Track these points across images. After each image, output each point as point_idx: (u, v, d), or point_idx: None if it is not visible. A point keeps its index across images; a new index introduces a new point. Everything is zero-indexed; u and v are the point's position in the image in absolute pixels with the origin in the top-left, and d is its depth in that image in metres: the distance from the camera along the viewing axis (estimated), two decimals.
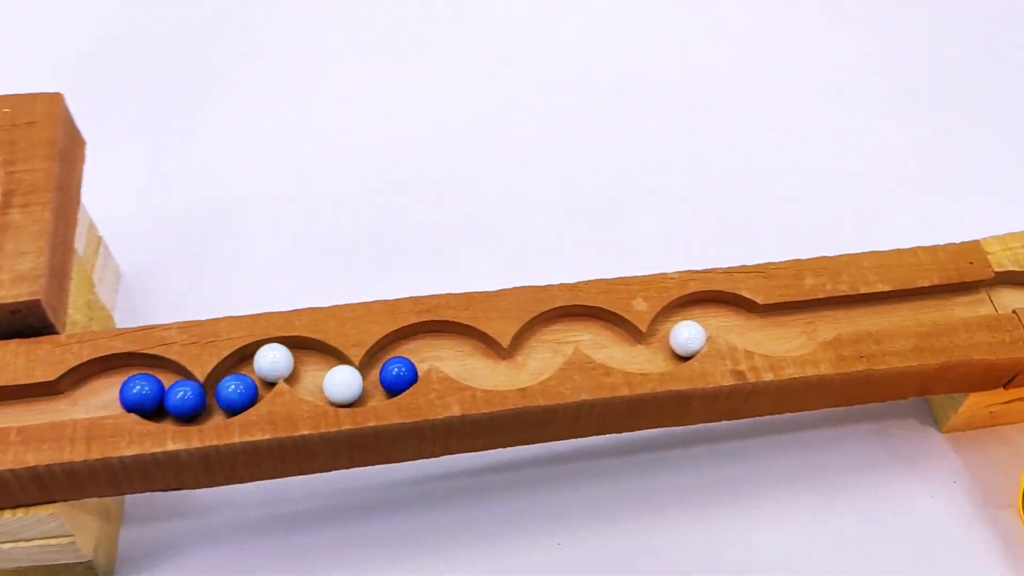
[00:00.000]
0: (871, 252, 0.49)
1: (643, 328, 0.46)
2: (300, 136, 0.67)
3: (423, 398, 0.43)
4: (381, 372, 0.43)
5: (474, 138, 0.67)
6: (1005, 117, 0.70)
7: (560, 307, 0.46)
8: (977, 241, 0.49)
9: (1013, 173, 0.66)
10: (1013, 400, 0.51)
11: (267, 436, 0.41)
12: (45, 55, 0.71)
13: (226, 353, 0.43)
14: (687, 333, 0.45)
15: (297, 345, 0.44)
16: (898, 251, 0.49)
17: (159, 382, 0.42)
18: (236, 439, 0.41)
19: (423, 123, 0.68)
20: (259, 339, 0.44)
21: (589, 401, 0.43)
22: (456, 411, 0.42)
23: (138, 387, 0.41)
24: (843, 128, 0.69)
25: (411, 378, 0.43)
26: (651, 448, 0.53)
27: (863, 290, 0.47)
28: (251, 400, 0.42)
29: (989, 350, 0.46)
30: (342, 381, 0.42)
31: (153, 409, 0.42)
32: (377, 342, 0.44)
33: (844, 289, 0.47)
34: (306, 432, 0.41)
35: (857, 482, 0.52)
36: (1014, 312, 0.47)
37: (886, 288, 0.48)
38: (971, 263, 0.49)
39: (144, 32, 0.73)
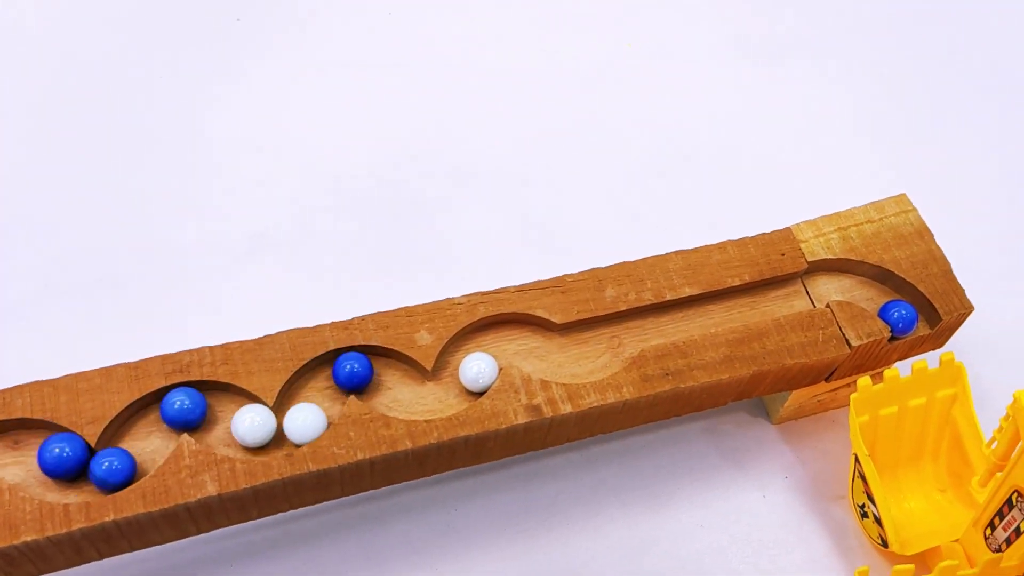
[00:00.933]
0: (677, 252, 0.45)
1: (428, 365, 0.41)
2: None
3: (172, 478, 0.37)
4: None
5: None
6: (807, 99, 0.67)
7: (333, 350, 0.41)
8: (788, 229, 0.46)
9: (822, 153, 0.63)
10: (839, 387, 0.49)
11: None
12: None
13: None
14: (476, 368, 0.40)
15: (21, 427, 0.38)
16: (706, 248, 0.45)
17: None
18: None
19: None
20: None
21: (368, 459, 0.38)
22: (212, 490, 0.37)
23: None
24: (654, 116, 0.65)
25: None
26: (468, 473, 0.49)
27: (669, 296, 0.44)
28: None
29: (803, 352, 0.43)
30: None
31: None
32: (118, 415, 0.38)
33: (649, 298, 0.43)
34: (28, 539, 0.35)
35: (687, 487, 0.49)
36: (828, 306, 0.44)
37: (694, 292, 0.44)
38: (783, 254, 0.45)
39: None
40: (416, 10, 0.69)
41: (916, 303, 0.45)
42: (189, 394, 0.38)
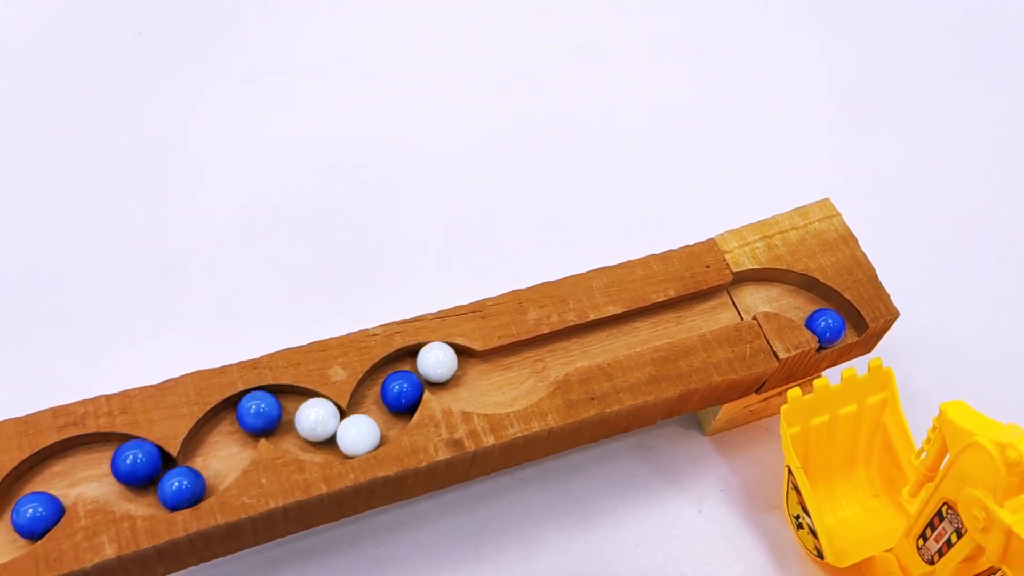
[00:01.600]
0: (600, 269, 0.43)
1: (343, 402, 0.39)
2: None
3: (67, 542, 0.34)
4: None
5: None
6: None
7: (242, 391, 0.39)
8: (712, 240, 0.45)
9: (745, 159, 0.62)
10: (771, 396, 0.48)
11: None
12: None
13: None
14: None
15: None
16: (629, 264, 0.44)
17: None
18: None
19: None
20: None
21: (281, 507, 0.36)
22: (110, 552, 0.34)
23: None
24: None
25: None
26: (395, 504, 0.47)
27: (593, 316, 0.42)
28: None
29: (730, 368, 0.42)
30: None
31: None
32: (8, 475, 0.36)
33: (572, 319, 0.42)
34: None
35: (622, 505, 0.48)
36: (755, 318, 0.43)
37: (617, 310, 0.42)
38: (708, 266, 0.44)
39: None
40: (329, 19, 0.66)
41: (842, 310, 0.44)
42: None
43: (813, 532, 0.44)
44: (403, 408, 0.39)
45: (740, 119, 0.63)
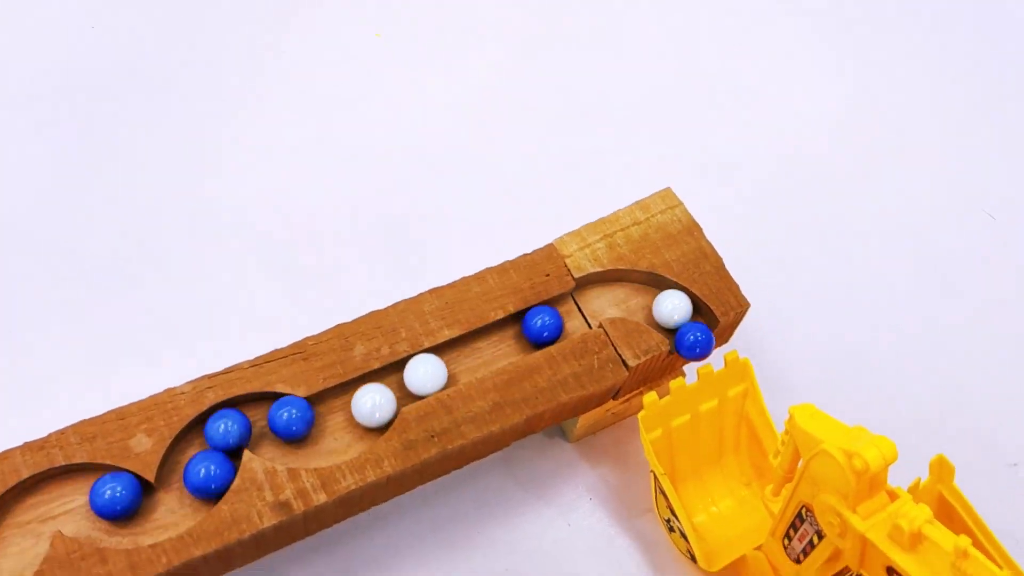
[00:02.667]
0: (431, 291, 0.40)
1: (151, 476, 0.35)
2: None
3: None
4: None
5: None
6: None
7: (31, 477, 0.34)
8: (551, 245, 0.42)
9: (582, 155, 0.58)
10: (632, 397, 0.46)
11: None
12: None
13: None
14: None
15: None
16: (463, 281, 0.41)
17: None
18: None
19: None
20: None
21: None
22: None
23: None
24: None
25: None
26: None
27: (427, 344, 0.39)
28: None
29: (578, 384, 0.39)
30: None
31: None
32: None
33: (404, 349, 0.39)
34: None
35: (488, 528, 0.45)
36: (600, 325, 0.41)
37: (453, 334, 0.39)
38: (548, 275, 0.41)
39: None
40: None
41: (692, 306, 0.42)
42: None
43: (684, 536, 0.42)
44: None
45: (572, 113, 0.60)
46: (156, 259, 0.50)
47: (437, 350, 0.40)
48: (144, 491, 0.35)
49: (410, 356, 0.38)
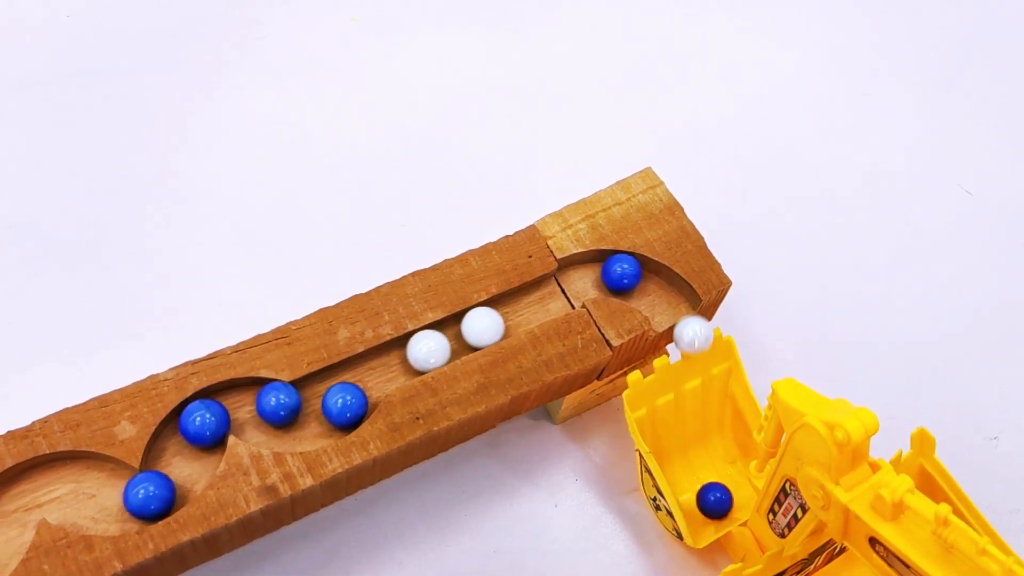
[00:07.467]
0: (414, 273, 0.40)
1: (135, 462, 0.35)
2: None
3: None
4: None
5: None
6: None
7: (15, 465, 0.34)
8: (533, 227, 0.42)
9: (562, 134, 0.58)
10: (615, 378, 0.46)
11: None
12: None
13: None
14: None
15: None
16: (445, 264, 0.41)
17: None
18: None
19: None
20: None
21: None
22: None
23: None
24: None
25: None
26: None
27: (411, 327, 0.39)
28: None
29: (562, 364, 0.39)
30: None
31: None
32: None
33: (388, 332, 0.39)
34: None
35: (475, 512, 0.45)
36: (584, 306, 0.41)
37: (438, 316, 0.39)
38: (531, 256, 0.41)
39: None
40: None
41: (674, 285, 0.43)
42: None
43: (670, 514, 0.43)
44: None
45: (551, 94, 0.60)
46: (134, 244, 0.50)
47: (419, 333, 0.40)
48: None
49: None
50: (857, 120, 0.61)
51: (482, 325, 0.38)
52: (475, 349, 0.39)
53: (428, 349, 0.38)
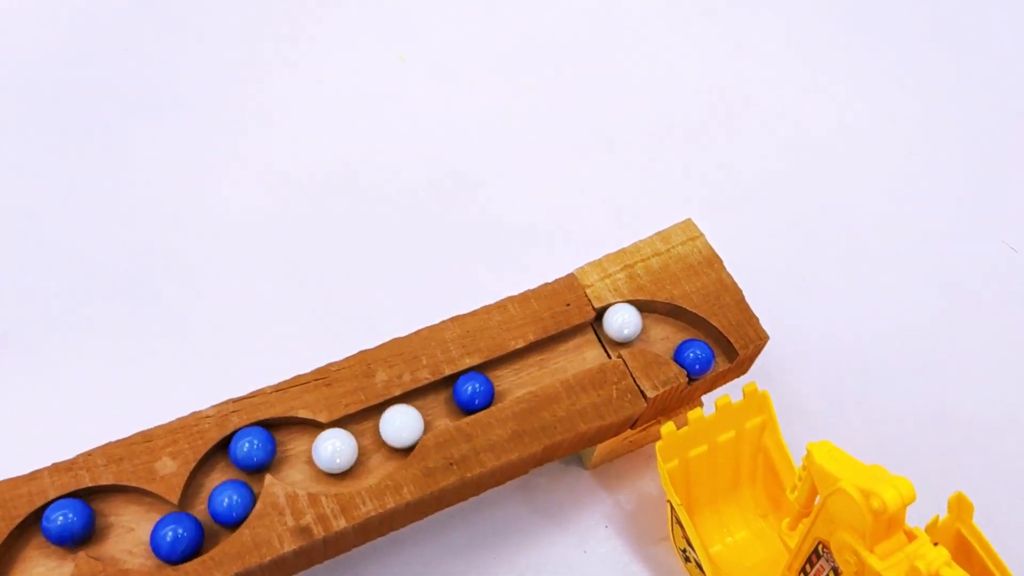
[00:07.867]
0: (453, 319, 0.41)
1: (174, 498, 0.35)
2: None
3: None
4: None
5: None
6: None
7: (54, 499, 0.35)
8: (572, 275, 0.42)
9: (602, 186, 0.58)
10: (648, 427, 0.46)
11: None
12: None
13: None
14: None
15: None
16: (484, 310, 0.41)
17: None
18: None
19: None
20: None
21: None
22: None
23: None
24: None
25: None
26: None
27: (448, 372, 0.39)
28: None
29: (596, 415, 0.39)
30: None
31: None
32: None
33: (426, 376, 0.39)
34: None
35: (505, 556, 0.45)
36: (620, 356, 0.41)
37: (475, 362, 0.40)
38: (568, 304, 0.42)
39: None
40: None
41: (711, 338, 0.43)
42: None
43: (700, 566, 0.42)
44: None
45: (593, 142, 0.60)
46: (179, 279, 0.51)
47: (454, 380, 0.40)
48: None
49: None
50: (901, 177, 0.61)
51: (400, 422, 0.37)
52: (393, 449, 0.38)
53: (334, 448, 0.36)
